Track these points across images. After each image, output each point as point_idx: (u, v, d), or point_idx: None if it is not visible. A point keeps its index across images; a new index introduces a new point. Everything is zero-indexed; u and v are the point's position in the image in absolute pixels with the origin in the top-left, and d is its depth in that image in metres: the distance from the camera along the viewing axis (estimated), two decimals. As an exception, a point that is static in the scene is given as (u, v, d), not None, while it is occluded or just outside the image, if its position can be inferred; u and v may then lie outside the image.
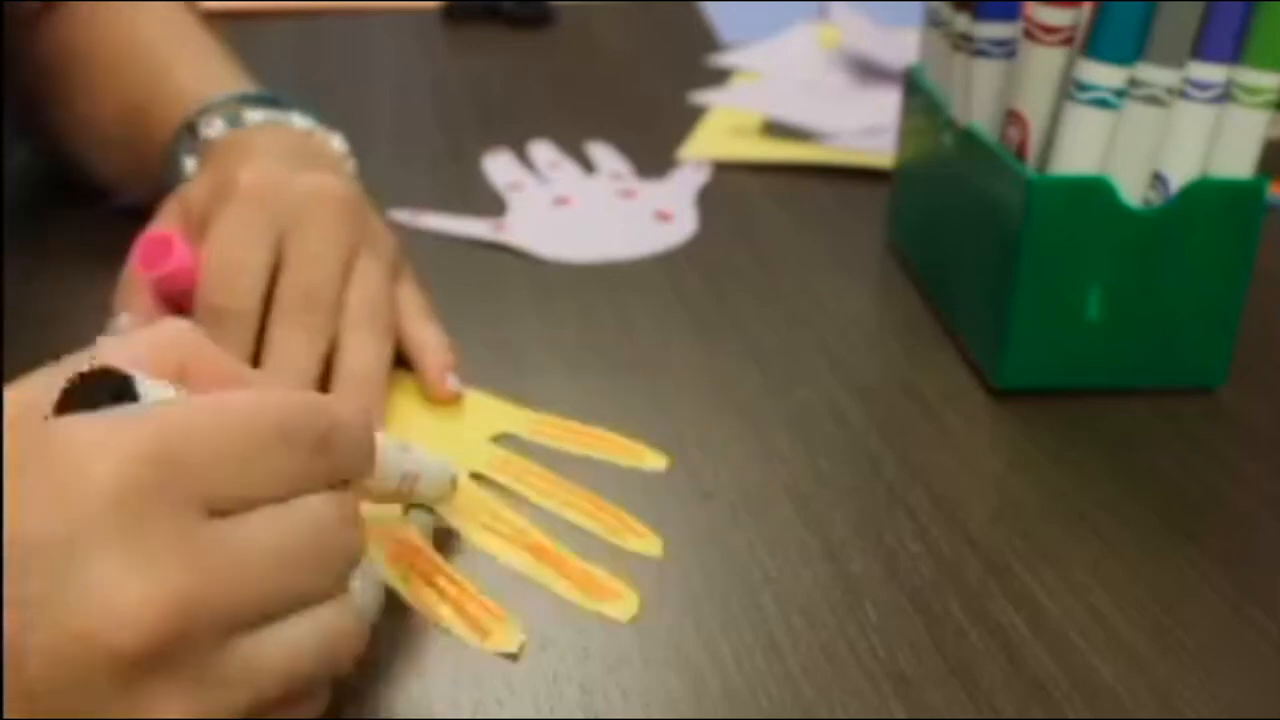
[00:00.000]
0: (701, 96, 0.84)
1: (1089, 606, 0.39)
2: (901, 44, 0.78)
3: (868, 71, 0.88)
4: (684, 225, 0.66)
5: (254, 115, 0.54)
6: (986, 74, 0.52)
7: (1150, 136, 0.48)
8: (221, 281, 0.46)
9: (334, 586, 0.31)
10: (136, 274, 0.48)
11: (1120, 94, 0.47)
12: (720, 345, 0.54)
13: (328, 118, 0.56)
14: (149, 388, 0.30)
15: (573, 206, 0.68)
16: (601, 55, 0.95)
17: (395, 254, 0.52)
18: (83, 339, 0.34)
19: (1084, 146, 0.48)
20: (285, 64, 0.91)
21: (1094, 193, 0.48)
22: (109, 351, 0.32)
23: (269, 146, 0.51)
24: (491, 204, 0.68)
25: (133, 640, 0.26)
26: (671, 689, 0.36)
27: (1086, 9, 0.48)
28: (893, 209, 0.64)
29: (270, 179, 0.49)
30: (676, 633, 0.38)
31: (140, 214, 0.52)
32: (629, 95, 0.86)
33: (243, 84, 0.57)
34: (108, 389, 0.30)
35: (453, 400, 0.49)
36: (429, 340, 0.50)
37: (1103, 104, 0.47)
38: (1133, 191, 0.48)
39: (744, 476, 0.46)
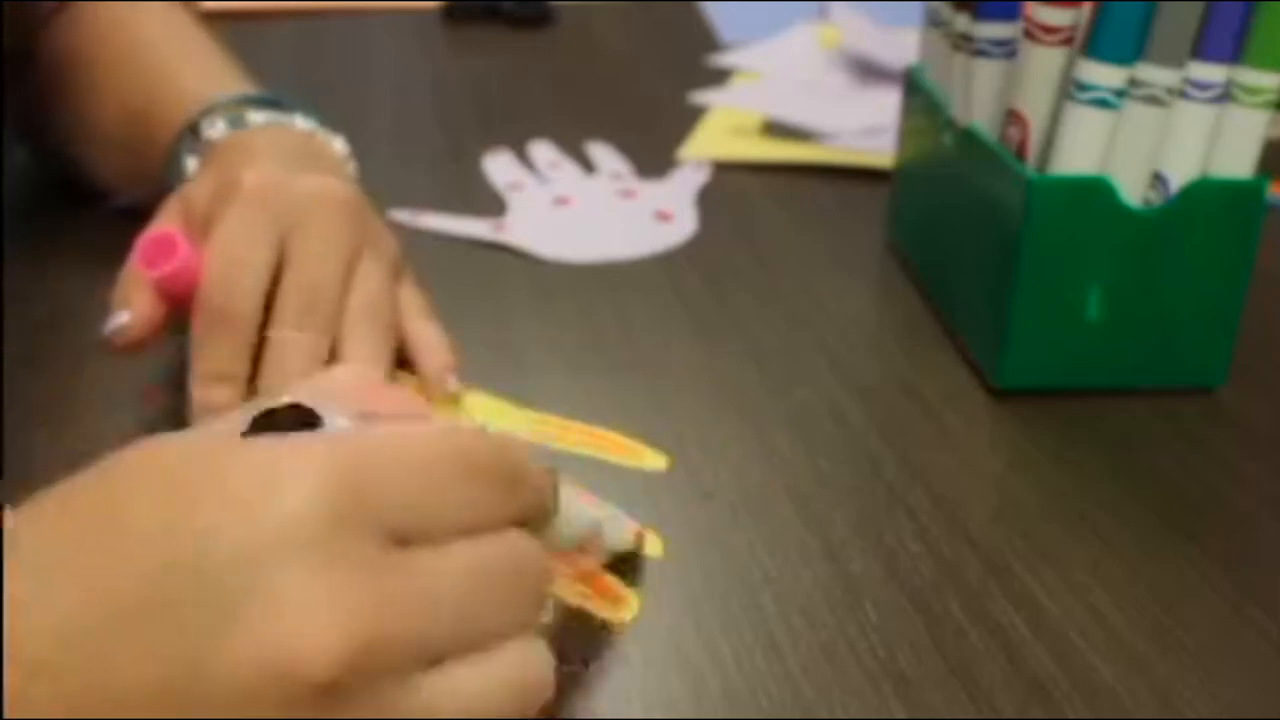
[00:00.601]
0: (701, 96, 0.84)
1: (1089, 606, 0.39)
2: (901, 44, 0.78)
3: (868, 71, 0.88)
4: (684, 225, 0.66)
5: (256, 117, 0.54)
6: (986, 74, 0.52)
7: (1150, 136, 0.48)
8: (223, 281, 0.46)
9: (523, 626, 0.29)
10: (137, 271, 0.48)
11: (1120, 94, 0.47)
12: (720, 345, 0.54)
13: (328, 118, 0.56)
14: (336, 423, 0.29)
15: (573, 206, 0.68)
16: (601, 55, 0.95)
17: (397, 255, 0.52)
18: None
19: (1084, 146, 0.48)
20: (285, 64, 0.91)
21: (1094, 193, 0.48)
22: (292, 392, 0.31)
23: (271, 148, 0.51)
24: (491, 204, 0.68)
25: (321, 671, 0.25)
26: (671, 689, 0.36)
27: (1086, 9, 0.48)
28: (893, 209, 0.64)
29: (273, 179, 0.49)
30: (676, 633, 0.38)
31: (140, 215, 0.52)
32: (629, 95, 0.86)
33: (244, 85, 0.57)
34: (294, 423, 0.29)
35: (453, 400, 0.49)
36: (429, 339, 0.50)
37: (1103, 104, 0.47)
38: (1133, 191, 0.48)
39: (744, 476, 0.46)
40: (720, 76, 0.89)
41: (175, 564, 0.25)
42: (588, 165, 0.73)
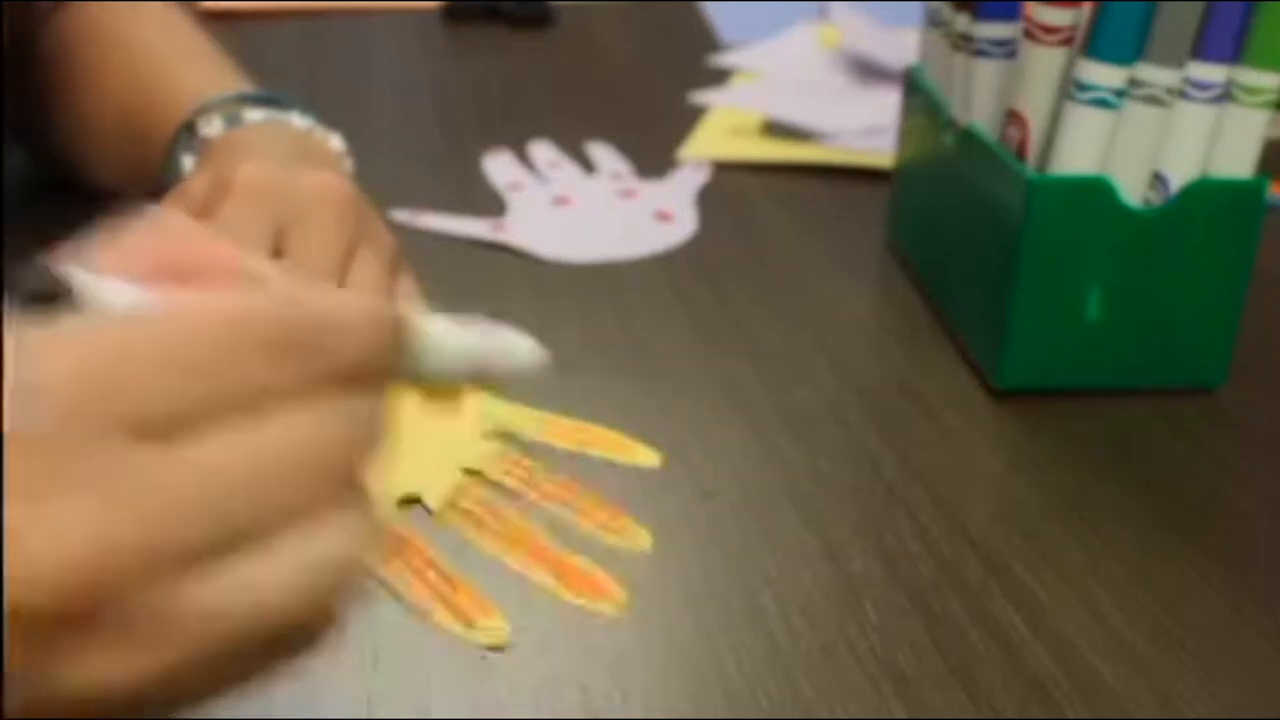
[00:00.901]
0: (701, 96, 0.84)
1: (1089, 606, 0.39)
2: (901, 44, 0.78)
3: (868, 71, 0.88)
4: (684, 225, 0.66)
5: (253, 114, 0.54)
6: (986, 74, 0.52)
7: (1150, 136, 0.48)
8: None
9: (317, 508, 0.25)
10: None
11: (1120, 94, 0.47)
12: (720, 345, 0.54)
13: (328, 118, 0.56)
14: (105, 291, 0.26)
15: (573, 206, 0.68)
16: (601, 55, 0.95)
17: (394, 252, 0.52)
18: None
19: (1084, 146, 0.48)
20: (285, 64, 0.91)
21: (1094, 193, 0.48)
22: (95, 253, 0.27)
23: (267, 145, 0.52)
24: (491, 204, 0.68)
25: (50, 596, 0.22)
26: (671, 689, 0.36)
27: (1086, 9, 0.48)
28: (893, 209, 0.64)
29: (269, 174, 0.49)
30: (676, 633, 0.38)
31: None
32: (629, 95, 0.86)
33: (241, 84, 0.57)
34: (39, 280, 0.26)
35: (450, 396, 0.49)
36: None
37: (1103, 104, 0.47)
38: (1133, 191, 0.48)
39: (744, 476, 0.46)
40: (720, 76, 0.89)
41: None
42: (588, 165, 0.73)
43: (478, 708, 0.35)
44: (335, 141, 0.56)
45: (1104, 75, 0.47)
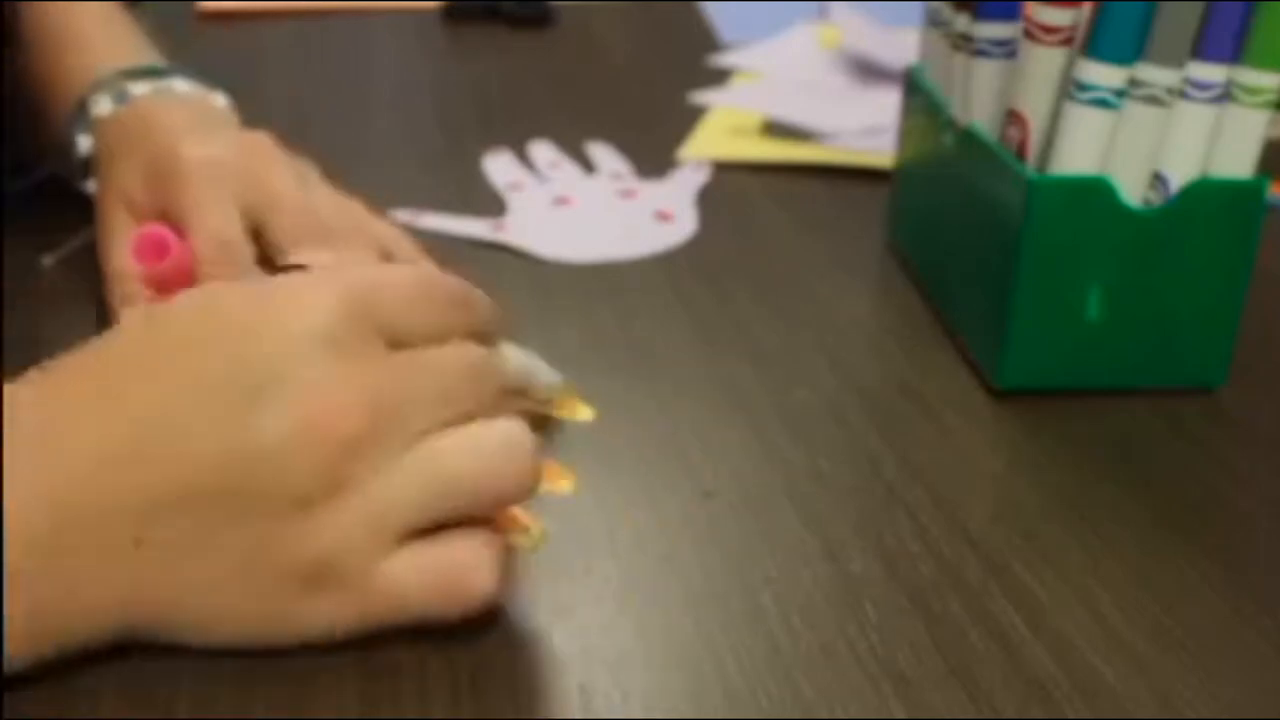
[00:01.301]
0: (701, 96, 0.84)
1: (1089, 606, 0.39)
2: (901, 44, 0.78)
3: (868, 71, 0.88)
4: (684, 225, 0.66)
5: (139, 88, 0.55)
6: (986, 74, 0.52)
7: (1150, 136, 0.48)
8: (225, 258, 0.48)
9: (485, 411, 0.37)
10: (130, 269, 0.49)
11: (1120, 94, 0.47)
12: (720, 345, 0.54)
13: (328, 117, 0.56)
14: None
15: (573, 206, 0.68)
16: (601, 55, 0.95)
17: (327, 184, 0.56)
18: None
19: (1084, 146, 0.48)
20: (286, 64, 0.91)
21: (1094, 193, 0.48)
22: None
23: (165, 119, 0.54)
24: (491, 204, 0.68)
25: (346, 429, 0.33)
26: (671, 689, 0.36)
27: (1086, 9, 0.48)
28: (892, 209, 0.64)
29: (210, 155, 0.51)
30: (676, 633, 0.38)
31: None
32: (629, 95, 0.86)
33: (137, 56, 0.58)
34: None
35: None
36: (403, 241, 0.56)
37: (1103, 104, 0.47)
38: (1133, 191, 0.48)
39: (744, 476, 0.46)
40: (720, 76, 0.89)
41: (224, 356, 0.34)
42: (588, 165, 0.73)
43: (477, 708, 0.35)
44: (220, 100, 0.58)
45: (1104, 75, 0.47)
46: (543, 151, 0.74)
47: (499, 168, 0.72)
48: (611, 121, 0.79)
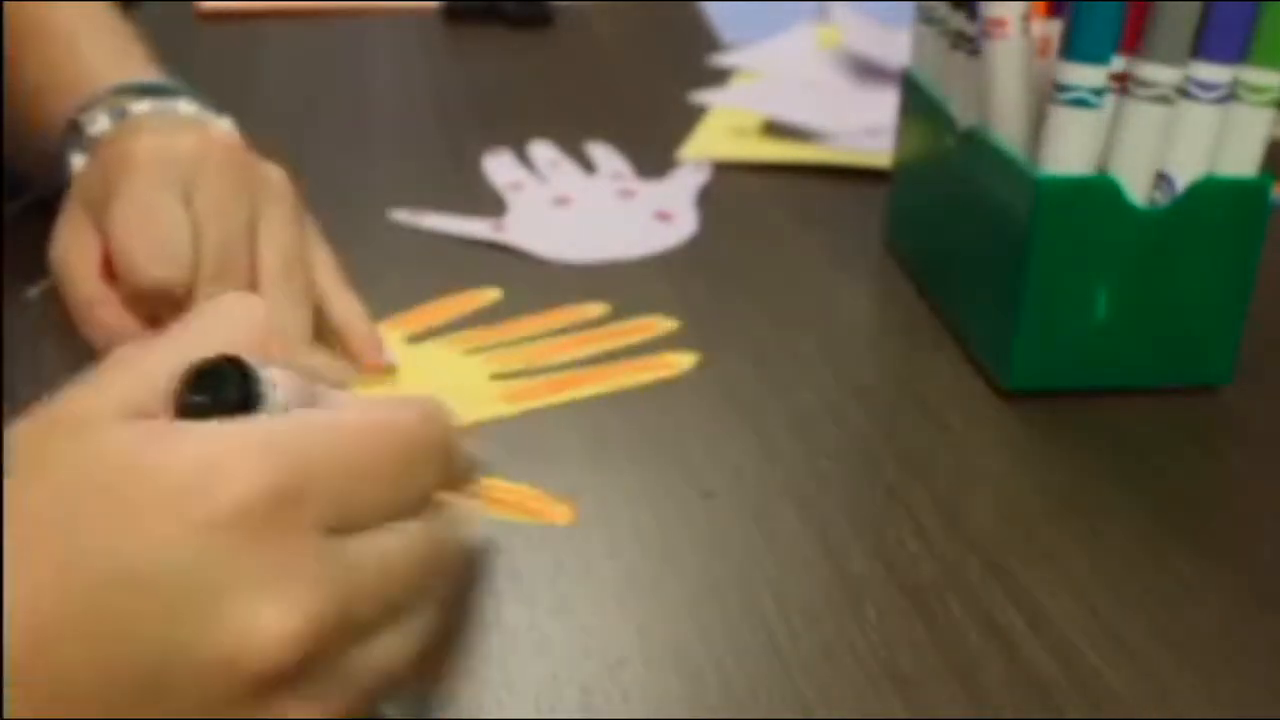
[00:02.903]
0: (701, 96, 0.84)
1: (1089, 606, 0.39)
2: (901, 44, 0.78)
3: (868, 71, 0.88)
4: (684, 225, 0.66)
5: (139, 106, 0.52)
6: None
7: (1154, 136, 0.48)
8: (160, 253, 0.45)
9: (435, 594, 0.33)
10: (94, 290, 0.46)
11: (1099, 93, 0.47)
12: (720, 345, 0.54)
13: (328, 117, 0.56)
14: (268, 381, 0.31)
15: (573, 206, 0.68)
16: (601, 55, 0.95)
17: (293, 197, 0.51)
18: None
19: (1071, 147, 0.48)
20: (285, 64, 0.91)
21: (1101, 192, 0.48)
22: (196, 338, 0.32)
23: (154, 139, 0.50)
24: (491, 204, 0.67)
25: (272, 663, 0.27)
26: (671, 689, 0.36)
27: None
28: (891, 209, 0.64)
29: (158, 144, 0.48)
30: (676, 633, 0.38)
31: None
32: (629, 95, 0.86)
33: (138, 70, 0.55)
34: (228, 381, 0.30)
35: (387, 373, 0.50)
36: (352, 312, 0.51)
37: (1082, 104, 0.47)
38: (1138, 191, 0.48)
39: (744, 476, 0.46)
40: (720, 76, 0.89)
41: (125, 578, 0.27)
42: (588, 165, 0.73)
43: (477, 707, 0.35)
44: (226, 125, 0.54)
45: (1082, 75, 0.47)
46: (543, 151, 0.74)
47: (499, 168, 0.72)
48: (611, 121, 0.79)
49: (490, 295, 0.57)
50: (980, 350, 0.53)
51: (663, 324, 0.54)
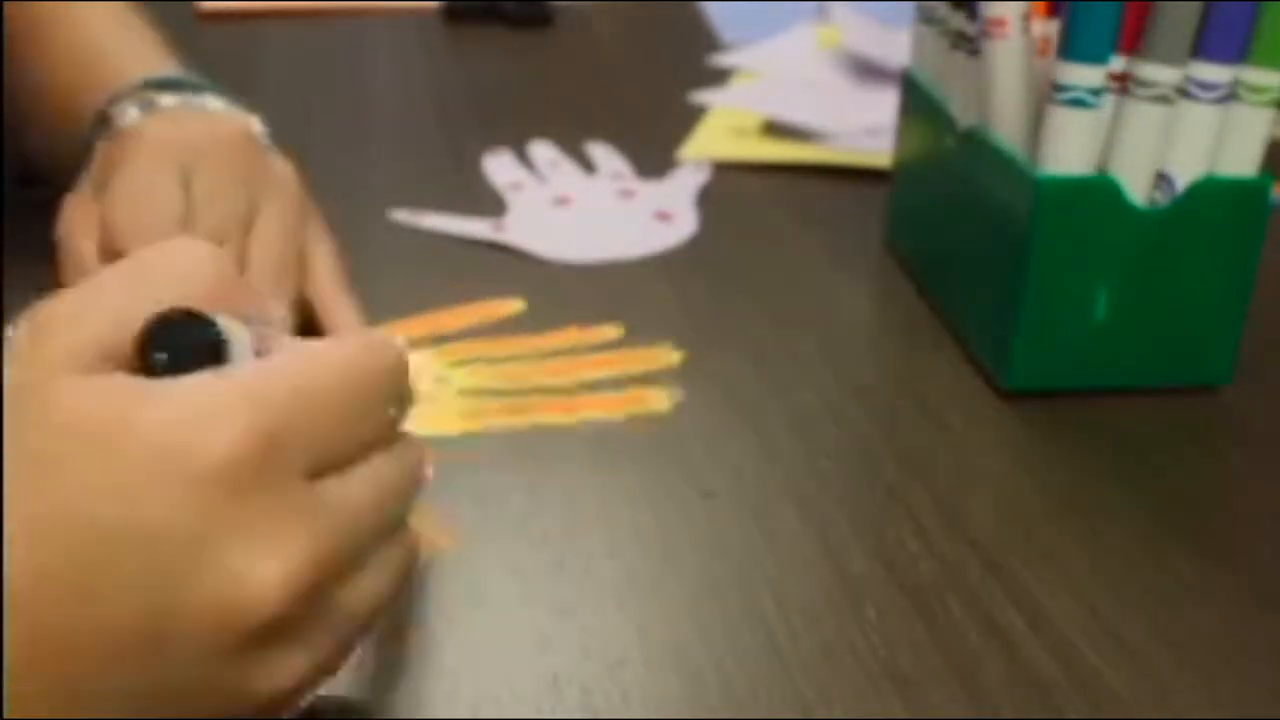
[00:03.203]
0: (701, 96, 0.84)
1: (1089, 606, 0.39)
2: (902, 44, 0.78)
3: (868, 71, 0.88)
4: (684, 225, 0.66)
5: (167, 100, 0.53)
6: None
7: (1154, 136, 0.48)
8: (146, 231, 0.46)
9: (405, 518, 0.34)
10: (90, 267, 0.47)
11: (1097, 93, 0.47)
12: (720, 345, 0.54)
13: (328, 117, 0.56)
14: (232, 332, 0.30)
15: (573, 206, 0.68)
16: (601, 55, 0.95)
17: (298, 190, 0.51)
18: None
19: (1069, 148, 0.48)
20: (285, 64, 0.91)
21: (1101, 192, 0.48)
22: (152, 281, 0.31)
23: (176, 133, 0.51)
24: (491, 204, 0.67)
25: (269, 612, 0.28)
26: (671, 689, 0.36)
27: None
28: (891, 209, 0.64)
29: (168, 129, 0.49)
30: (676, 633, 0.38)
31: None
32: (629, 95, 0.86)
33: (167, 65, 0.56)
34: (189, 335, 0.30)
35: None
36: (345, 318, 0.50)
37: (1080, 104, 0.47)
38: (1138, 191, 0.48)
39: (744, 476, 0.46)
40: (720, 76, 0.89)
41: (113, 532, 0.26)
42: (588, 165, 0.73)
43: (477, 707, 0.35)
44: (255, 124, 0.54)
45: (1079, 75, 0.47)
46: (543, 151, 0.74)
47: (499, 168, 0.72)
48: (611, 121, 0.79)
49: (513, 306, 0.56)
50: (980, 350, 0.53)
51: (666, 356, 0.53)
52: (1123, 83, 0.48)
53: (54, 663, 0.26)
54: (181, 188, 0.48)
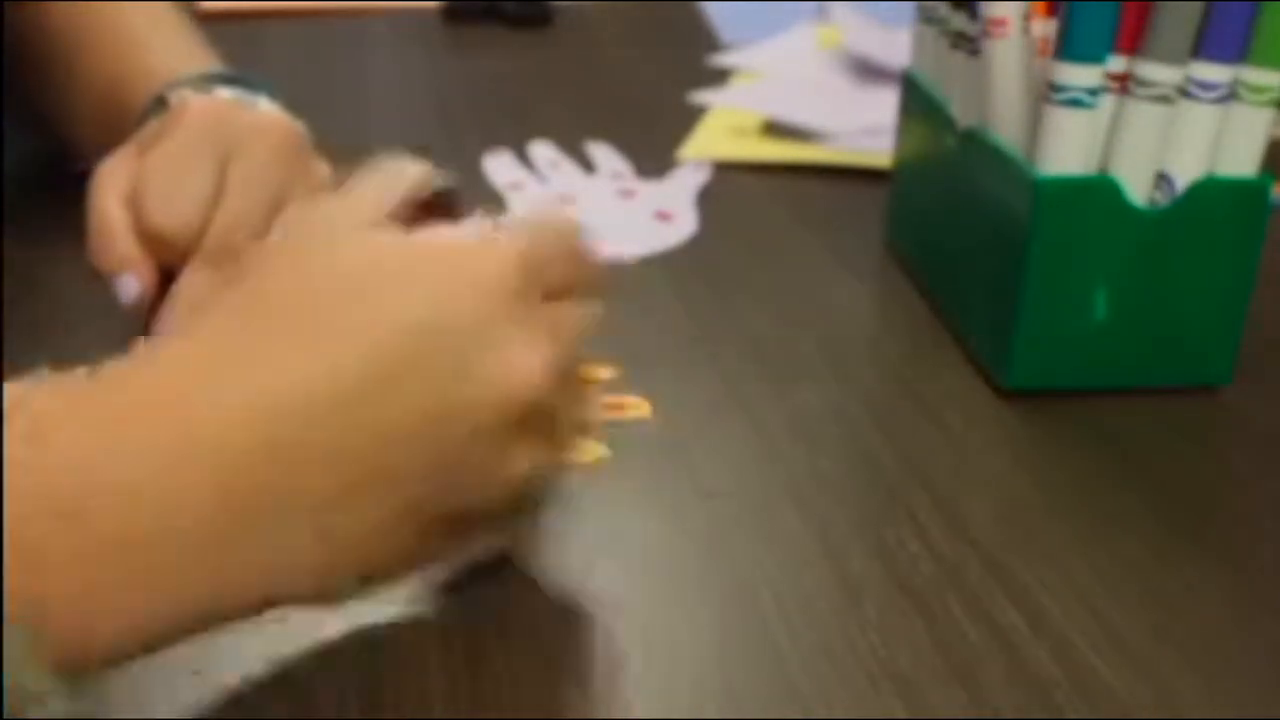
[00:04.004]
0: (701, 96, 0.84)
1: (1089, 606, 0.39)
2: (901, 44, 0.78)
3: (868, 71, 0.88)
4: (684, 225, 0.66)
5: (223, 92, 0.54)
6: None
7: (1154, 136, 0.48)
8: (161, 202, 0.47)
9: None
10: (115, 225, 0.48)
11: (1094, 93, 0.47)
12: (720, 345, 0.54)
13: (328, 117, 0.56)
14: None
15: (573, 206, 0.68)
16: (601, 55, 0.95)
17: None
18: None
19: (1067, 147, 0.48)
20: (285, 64, 0.91)
21: (1100, 192, 0.48)
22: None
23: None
24: (491, 204, 0.67)
25: (530, 397, 0.34)
26: (671, 689, 0.36)
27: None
28: (891, 209, 0.64)
29: (216, 106, 0.50)
30: (677, 632, 0.38)
31: None
32: (629, 95, 0.86)
33: (214, 63, 0.57)
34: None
35: None
36: None
37: (1077, 104, 0.47)
38: (1138, 191, 0.48)
39: (744, 476, 0.46)
40: (720, 76, 0.89)
41: (424, 327, 0.33)
42: (588, 165, 0.73)
43: (477, 707, 0.35)
44: (302, 128, 0.55)
45: (1076, 75, 0.47)
46: (543, 151, 0.74)
47: (499, 168, 0.72)
48: (611, 121, 0.79)
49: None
50: (980, 350, 0.53)
51: (636, 408, 0.50)
52: (1123, 82, 0.48)
53: (372, 441, 0.32)
54: (218, 167, 0.49)
